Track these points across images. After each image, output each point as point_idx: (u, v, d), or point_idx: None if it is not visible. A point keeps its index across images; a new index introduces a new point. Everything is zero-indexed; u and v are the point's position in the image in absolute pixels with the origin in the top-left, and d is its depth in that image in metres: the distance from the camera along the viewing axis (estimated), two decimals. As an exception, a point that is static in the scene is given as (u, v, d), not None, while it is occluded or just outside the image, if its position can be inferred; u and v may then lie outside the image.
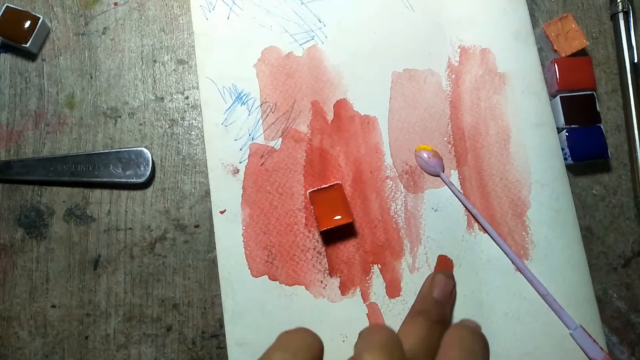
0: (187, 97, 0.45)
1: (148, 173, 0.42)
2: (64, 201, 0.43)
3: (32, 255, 0.42)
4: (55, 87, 0.44)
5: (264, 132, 0.43)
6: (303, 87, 0.44)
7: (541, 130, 0.44)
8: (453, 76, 0.44)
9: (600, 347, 0.40)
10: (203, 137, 0.43)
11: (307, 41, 0.44)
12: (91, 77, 0.45)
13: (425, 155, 0.43)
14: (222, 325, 0.40)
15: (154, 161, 0.43)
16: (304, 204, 0.42)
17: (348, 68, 0.44)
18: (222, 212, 0.41)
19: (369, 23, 0.45)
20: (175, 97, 0.44)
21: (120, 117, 0.44)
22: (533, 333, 0.40)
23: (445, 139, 0.43)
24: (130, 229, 0.42)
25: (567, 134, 0.43)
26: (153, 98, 0.44)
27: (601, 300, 0.43)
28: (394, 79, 0.44)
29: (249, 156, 0.42)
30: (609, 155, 0.43)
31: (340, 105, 0.43)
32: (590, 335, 0.40)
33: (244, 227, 0.41)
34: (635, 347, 0.42)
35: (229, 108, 0.43)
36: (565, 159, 0.43)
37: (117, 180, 0.42)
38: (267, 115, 0.43)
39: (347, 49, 0.44)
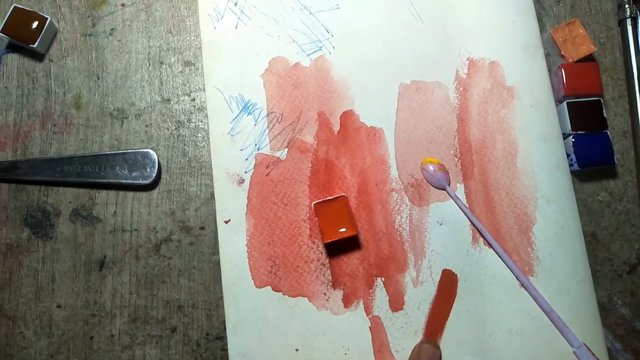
0: (193, 99, 0.45)
1: (154, 174, 0.42)
2: (70, 202, 0.43)
3: (38, 255, 0.42)
4: (62, 88, 0.44)
5: (270, 142, 0.43)
6: (310, 97, 0.44)
7: (548, 144, 0.43)
8: (461, 89, 0.44)
9: None
10: (209, 139, 0.43)
11: (315, 52, 0.44)
12: (98, 78, 0.45)
13: (431, 168, 0.42)
14: (226, 328, 0.40)
15: (160, 163, 0.43)
16: (308, 215, 0.42)
17: (355, 79, 0.44)
18: (226, 222, 0.41)
19: (377, 34, 0.45)
20: (181, 98, 0.45)
21: (126, 118, 0.44)
22: (536, 350, 0.40)
23: (452, 152, 0.43)
24: (136, 230, 0.42)
25: (573, 140, 0.43)
26: (159, 99, 0.44)
27: (605, 307, 0.43)
28: (401, 91, 0.44)
29: (254, 166, 0.42)
30: (615, 162, 0.43)
31: (347, 117, 0.43)
32: (593, 354, 0.40)
33: (248, 237, 0.41)
34: (639, 355, 0.42)
35: (236, 118, 0.43)
36: (571, 165, 0.43)
37: (123, 181, 0.42)
38: (274, 125, 0.43)
39: (355, 59, 0.44)
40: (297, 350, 0.40)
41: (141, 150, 0.43)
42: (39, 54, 0.45)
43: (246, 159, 0.42)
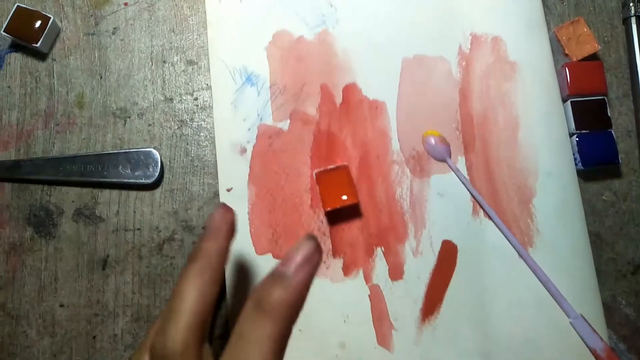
0: (196, 98, 0.45)
1: (157, 174, 0.42)
2: (73, 201, 0.43)
3: (41, 255, 0.42)
4: (65, 87, 0.44)
5: (272, 113, 0.43)
6: (313, 70, 0.44)
7: (550, 119, 0.43)
8: (464, 63, 0.44)
9: (600, 337, 0.39)
10: (212, 138, 0.43)
11: (319, 26, 0.44)
12: (101, 77, 0.45)
13: (432, 140, 0.43)
14: (226, 292, 0.40)
15: (163, 162, 0.43)
16: (310, 185, 0.42)
17: (358, 53, 0.44)
18: (228, 190, 0.42)
19: (381, 8, 0.45)
20: (184, 98, 0.45)
21: (129, 117, 0.44)
22: (535, 321, 0.40)
23: (454, 125, 0.43)
24: (138, 229, 0.42)
25: (577, 139, 0.43)
26: (162, 99, 0.44)
27: (610, 307, 0.42)
28: (403, 65, 0.44)
29: (257, 137, 0.42)
30: (620, 161, 0.43)
31: (349, 90, 0.43)
32: (590, 325, 0.40)
33: (249, 206, 0.41)
34: (643, 355, 0.42)
35: (239, 89, 0.43)
36: (575, 164, 0.43)
37: (126, 180, 0.42)
38: (276, 97, 0.43)
39: (358, 34, 0.44)
40: None
41: (144, 149, 0.43)
42: (42, 53, 0.45)
43: (249, 130, 0.43)
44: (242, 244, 0.41)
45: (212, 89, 0.43)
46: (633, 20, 0.46)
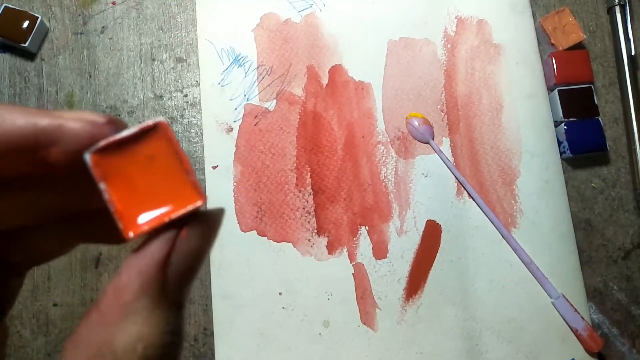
0: (186, 95, 0.45)
1: (148, 171, 0.42)
2: (64, 200, 0.43)
3: (33, 254, 0.42)
4: (54, 87, 0.44)
5: (259, 93, 0.43)
6: (299, 52, 0.44)
7: (533, 101, 0.44)
8: (449, 46, 0.45)
9: (581, 317, 0.40)
10: (202, 135, 0.43)
11: (306, 9, 0.45)
12: (90, 76, 0.45)
13: (415, 122, 0.43)
14: (210, 270, 0.40)
15: (154, 159, 0.43)
16: (295, 164, 0.42)
17: (344, 35, 0.45)
18: (214, 168, 0.42)
19: None
20: (174, 95, 0.45)
21: (119, 115, 0.44)
22: (517, 300, 0.41)
23: (439, 107, 0.44)
24: (130, 226, 0.42)
25: (565, 127, 0.43)
26: (152, 96, 0.44)
27: (602, 293, 0.43)
28: (389, 47, 0.45)
29: (243, 116, 0.43)
30: (608, 148, 0.43)
31: (335, 71, 0.44)
32: (572, 305, 0.40)
33: (235, 183, 0.42)
34: (635, 339, 0.42)
35: (226, 69, 0.44)
36: (564, 152, 0.44)
37: (117, 178, 0.42)
38: (263, 77, 0.44)
39: (345, 16, 0.45)
40: (280, 294, 0.40)
41: (135, 146, 0.43)
42: (30, 53, 0.45)
43: (235, 109, 0.43)
44: (227, 220, 0.41)
45: (200, 70, 0.43)
46: (617, 9, 0.46)
